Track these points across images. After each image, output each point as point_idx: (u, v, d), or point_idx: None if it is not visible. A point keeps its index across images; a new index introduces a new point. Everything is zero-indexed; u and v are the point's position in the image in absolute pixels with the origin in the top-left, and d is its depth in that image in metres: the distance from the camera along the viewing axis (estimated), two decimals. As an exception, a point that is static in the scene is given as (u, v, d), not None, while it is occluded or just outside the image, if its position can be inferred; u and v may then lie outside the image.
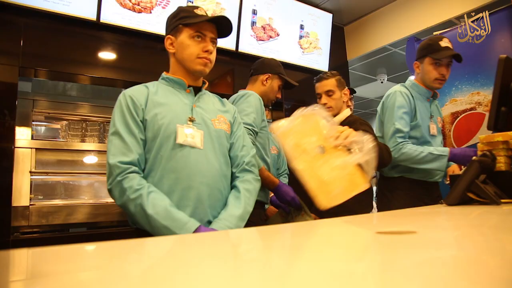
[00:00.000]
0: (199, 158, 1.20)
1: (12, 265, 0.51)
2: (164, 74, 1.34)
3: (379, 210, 1.93)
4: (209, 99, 1.37)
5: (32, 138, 2.24)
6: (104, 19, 2.30)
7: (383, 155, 1.63)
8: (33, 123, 2.31)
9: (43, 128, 2.52)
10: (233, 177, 1.32)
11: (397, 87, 1.92)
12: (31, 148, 2.20)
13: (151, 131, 1.18)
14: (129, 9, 2.37)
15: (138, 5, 2.40)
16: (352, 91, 2.83)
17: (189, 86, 1.31)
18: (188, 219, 1.11)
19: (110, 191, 1.13)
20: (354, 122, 1.79)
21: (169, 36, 1.30)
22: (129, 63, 2.45)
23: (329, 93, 1.90)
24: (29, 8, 2.09)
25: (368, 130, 1.74)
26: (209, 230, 1.12)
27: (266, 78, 1.89)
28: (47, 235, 2.11)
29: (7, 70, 2.03)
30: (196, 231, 1.09)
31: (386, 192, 1.92)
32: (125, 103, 1.20)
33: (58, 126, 2.51)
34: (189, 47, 1.26)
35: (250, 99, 1.68)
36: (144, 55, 2.50)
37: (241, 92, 1.77)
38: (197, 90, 1.33)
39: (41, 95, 2.46)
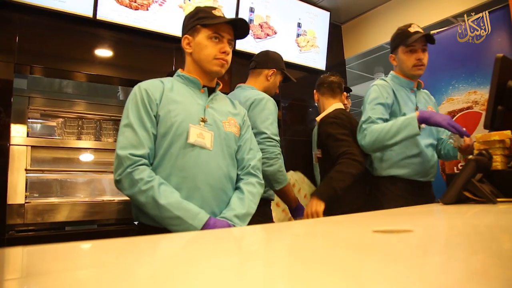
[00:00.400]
0: (208, 159, 1.21)
1: (8, 263, 0.51)
2: (179, 71, 1.35)
3: (370, 211, 1.87)
4: (221, 100, 1.38)
5: (27, 136, 2.23)
6: (101, 16, 2.28)
7: (351, 172, 1.63)
8: (28, 120, 2.29)
9: (38, 126, 2.51)
10: (237, 179, 1.34)
11: (376, 81, 1.86)
12: (27, 145, 2.18)
13: (163, 127, 1.19)
14: (126, 6, 2.36)
15: (135, 2, 2.39)
16: (348, 90, 2.83)
17: (203, 86, 1.31)
18: (199, 210, 1.14)
19: (118, 182, 1.14)
20: (324, 123, 1.75)
21: (186, 35, 1.31)
22: (125, 61, 2.43)
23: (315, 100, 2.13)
24: (25, 4, 2.07)
25: (332, 131, 1.72)
26: (219, 222, 1.15)
27: (271, 74, 1.86)
28: (43, 233, 2.10)
29: (2, 67, 2.01)
30: (207, 222, 1.12)
31: (376, 193, 1.81)
32: (140, 96, 1.20)
33: (54, 124, 2.50)
34: (206, 47, 1.27)
35: (269, 105, 1.67)
36: (140, 53, 2.49)
37: (255, 95, 1.71)
38: (211, 91, 1.34)
39: (37, 92, 2.44)
